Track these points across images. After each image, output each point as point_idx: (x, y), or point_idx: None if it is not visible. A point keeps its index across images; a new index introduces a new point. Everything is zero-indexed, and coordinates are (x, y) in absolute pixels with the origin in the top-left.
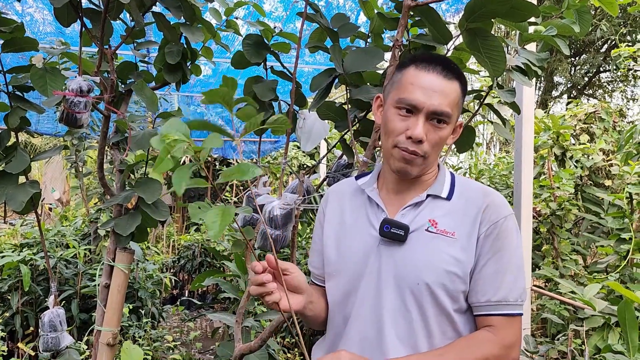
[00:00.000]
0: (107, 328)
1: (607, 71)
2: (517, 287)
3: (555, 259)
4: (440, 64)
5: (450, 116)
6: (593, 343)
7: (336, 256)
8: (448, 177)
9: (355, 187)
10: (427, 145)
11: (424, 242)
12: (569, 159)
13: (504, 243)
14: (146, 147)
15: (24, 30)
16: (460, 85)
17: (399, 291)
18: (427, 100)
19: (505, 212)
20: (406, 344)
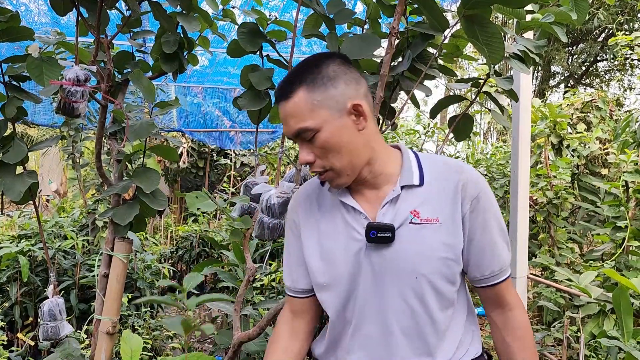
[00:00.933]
0: (106, 317)
1: (604, 60)
2: (507, 249)
3: (552, 248)
4: (281, 89)
5: (309, 127)
6: (589, 330)
7: (323, 266)
8: (413, 159)
9: (323, 190)
10: (319, 160)
11: (412, 236)
12: (566, 147)
13: (489, 214)
14: (143, 137)
15: (19, 20)
16: (306, 89)
17: (399, 289)
18: (288, 128)
19: (482, 183)
20: (413, 338)
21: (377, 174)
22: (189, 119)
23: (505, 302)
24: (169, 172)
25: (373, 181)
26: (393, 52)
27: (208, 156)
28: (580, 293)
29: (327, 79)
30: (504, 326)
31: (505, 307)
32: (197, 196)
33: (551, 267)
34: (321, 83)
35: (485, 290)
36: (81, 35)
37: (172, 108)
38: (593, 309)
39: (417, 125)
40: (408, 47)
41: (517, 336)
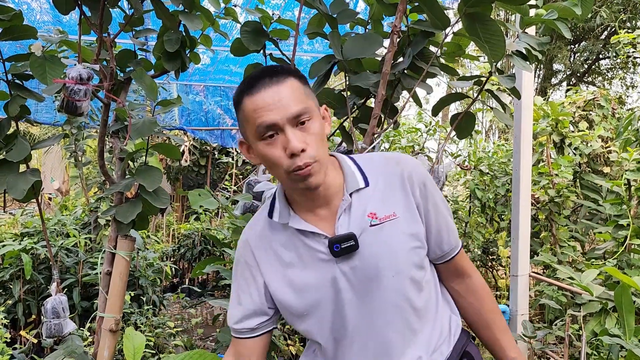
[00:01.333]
0: (109, 314)
1: (606, 58)
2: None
3: (554, 246)
4: (264, 77)
5: (309, 110)
6: (590, 328)
7: (298, 297)
8: (352, 164)
9: (273, 223)
10: (311, 149)
11: (376, 237)
12: (568, 146)
13: (436, 195)
14: (146, 135)
15: (22, 18)
16: (295, 78)
17: (381, 292)
18: (280, 112)
19: (421, 168)
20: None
21: (330, 184)
22: (190, 117)
23: (464, 270)
24: (170, 170)
25: (325, 192)
26: (394, 51)
27: (210, 154)
28: (582, 291)
29: (306, 81)
30: (467, 292)
31: (465, 274)
32: (199, 194)
33: (553, 266)
34: (304, 82)
35: (446, 265)
36: (84, 34)
37: (174, 106)
38: (595, 307)
39: (418, 123)
40: (409, 45)
41: (480, 298)
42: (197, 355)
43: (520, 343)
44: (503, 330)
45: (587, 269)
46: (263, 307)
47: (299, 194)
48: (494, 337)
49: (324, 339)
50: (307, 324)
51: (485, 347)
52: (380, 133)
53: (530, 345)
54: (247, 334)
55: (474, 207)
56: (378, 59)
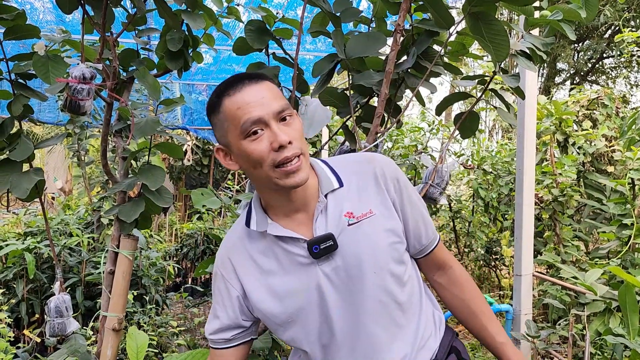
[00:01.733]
0: (112, 314)
1: (610, 57)
2: (429, 217)
3: (557, 245)
4: (243, 79)
5: (289, 107)
6: (594, 328)
7: (281, 305)
8: (324, 167)
9: (250, 232)
10: (296, 142)
11: (355, 236)
12: (572, 145)
13: (409, 190)
14: (149, 134)
15: (25, 18)
16: (270, 82)
17: (365, 291)
18: (265, 107)
19: (393, 164)
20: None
21: (307, 187)
22: (193, 117)
23: (444, 262)
24: (173, 169)
25: (303, 195)
26: (398, 50)
27: (212, 154)
28: (586, 291)
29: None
30: (449, 283)
31: (445, 266)
32: (202, 193)
33: (557, 265)
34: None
35: (426, 258)
36: (86, 33)
37: (177, 105)
38: (599, 306)
39: (421, 122)
40: (413, 44)
41: (463, 288)
42: (200, 355)
43: (524, 343)
44: (490, 317)
45: (590, 268)
46: (238, 320)
47: (276, 198)
48: (481, 324)
49: (311, 346)
50: (292, 331)
51: (473, 335)
52: (384, 132)
53: (534, 345)
54: (222, 344)
55: (477, 206)
56: (381, 58)
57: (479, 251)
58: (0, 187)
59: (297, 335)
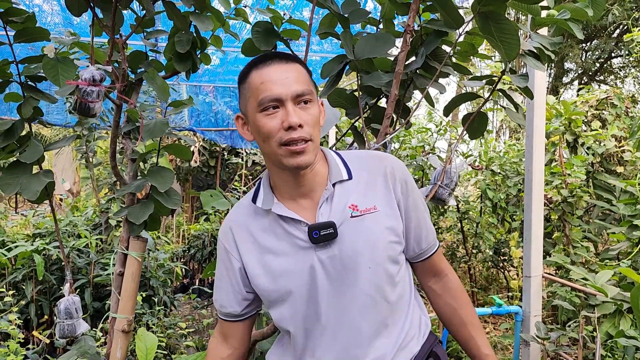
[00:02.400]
0: (122, 315)
1: (619, 56)
2: (431, 223)
3: (567, 246)
4: (275, 56)
5: (311, 93)
6: (604, 330)
7: (274, 283)
8: (337, 158)
9: (255, 209)
10: (307, 127)
11: (356, 228)
12: (581, 145)
13: (415, 193)
14: (158, 136)
15: (35, 21)
16: (302, 67)
17: (357, 283)
18: (285, 88)
19: (404, 167)
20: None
21: (315, 174)
22: (200, 118)
23: (441, 270)
24: (180, 171)
25: (311, 180)
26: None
27: (219, 155)
28: (596, 292)
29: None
30: (444, 291)
31: (441, 274)
32: (211, 195)
33: (566, 266)
34: (310, 73)
35: (423, 263)
36: (95, 36)
37: (185, 107)
38: (609, 308)
39: (429, 123)
40: (422, 44)
41: (456, 297)
42: None
43: (534, 344)
44: (478, 329)
45: (600, 269)
46: (242, 292)
47: (284, 178)
48: (468, 334)
49: (295, 328)
50: (280, 310)
51: (460, 343)
52: (393, 133)
53: (544, 346)
54: (232, 318)
55: (485, 207)
56: (390, 59)
57: (487, 252)
58: (11, 189)
59: (284, 314)
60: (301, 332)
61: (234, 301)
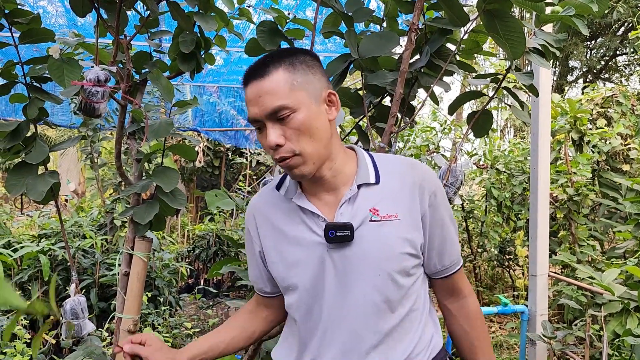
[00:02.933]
0: (127, 315)
1: (624, 54)
2: (457, 240)
3: (573, 245)
4: (255, 69)
5: (288, 105)
6: (611, 328)
7: (286, 272)
8: (368, 159)
9: (279, 196)
10: (289, 143)
11: (373, 233)
12: (586, 143)
13: (444, 207)
14: (163, 136)
15: (40, 22)
16: (285, 70)
17: (363, 288)
18: (259, 108)
19: (435, 177)
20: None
21: (337, 173)
22: (204, 119)
23: (459, 291)
24: (184, 171)
25: (332, 181)
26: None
27: (223, 155)
28: (602, 291)
29: (305, 66)
30: (459, 313)
31: (460, 294)
32: (216, 195)
33: (572, 265)
34: (301, 68)
35: (443, 281)
36: (100, 37)
37: (190, 107)
38: (616, 307)
39: (433, 122)
40: (426, 43)
41: (471, 321)
42: None
43: (540, 343)
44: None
45: (607, 268)
46: (267, 274)
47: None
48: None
49: (299, 318)
50: (290, 298)
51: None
52: (398, 132)
53: (550, 345)
54: (265, 294)
55: (490, 206)
56: (394, 58)
57: (492, 251)
58: (17, 189)
59: (292, 303)
60: (303, 324)
61: (261, 281)
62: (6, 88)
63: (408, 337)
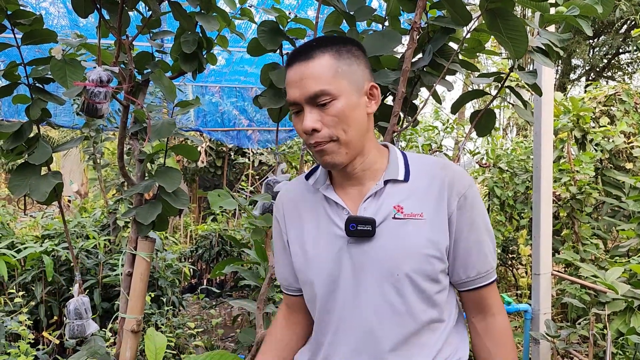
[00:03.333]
0: (131, 315)
1: (627, 52)
2: (494, 250)
3: (576, 244)
4: (301, 52)
5: (330, 91)
6: (615, 327)
7: (305, 264)
8: (400, 157)
9: (307, 186)
10: (326, 129)
11: (394, 231)
12: (589, 142)
13: (475, 212)
14: (165, 136)
15: (42, 23)
16: (331, 56)
17: (378, 287)
18: (300, 91)
19: (468, 180)
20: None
21: (367, 167)
22: (206, 119)
23: (488, 308)
24: (187, 171)
25: (361, 174)
26: (414, 48)
27: (226, 155)
28: (606, 289)
29: (352, 55)
30: (485, 332)
31: (488, 312)
32: (219, 195)
33: (576, 264)
34: (347, 56)
35: (469, 293)
36: (102, 37)
37: (192, 107)
38: (619, 305)
39: (435, 121)
40: (429, 41)
41: (499, 343)
42: (218, 356)
43: (544, 342)
44: None
45: (610, 266)
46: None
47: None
48: None
49: (318, 315)
50: (307, 291)
51: None
52: (400, 131)
53: (554, 344)
54: (294, 292)
55: (493, 205)
56: (396, 57)
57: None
58: (20, 190)
59: (308, 296)
60: (320, 322)
61: (291, 275)
62: (9, 89)
63: (428, 347)
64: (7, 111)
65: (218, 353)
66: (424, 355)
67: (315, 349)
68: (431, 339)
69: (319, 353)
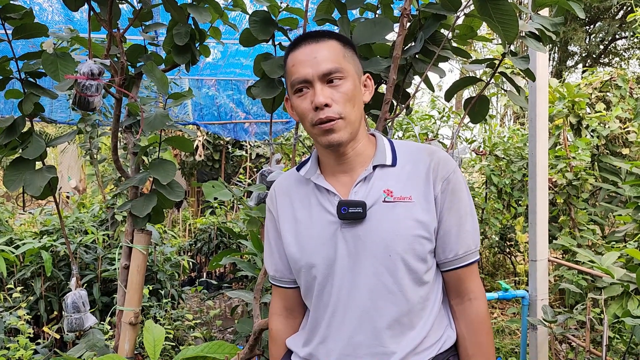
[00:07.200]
0: (128, 308)
1: (623, 38)
2: (475, 233)
3: (573, 230)
4: (310, 36)
5: (342, 70)
6: (612, 312)
7: (299, 252)
8: (387, 144)
9: (299, 177)
10: (336, 106)
11: (385, 214)
12: (585, 128)
13: (458, 195)
14: (158, 128)
15: (33, 17)
16: (338, 42)
17: (374, 268)
18: (313, 68)
19: (452, 165)
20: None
21: (357, 154)
22: (203, 112)
23: (466, 292)
24: (185, 165)
25: (353, 159)
26: (405, 35)
27: (223, 148)
28: (602, 274)
29: (351, 48)
30: (462, 316)
31: (465, 296)
32: (213, 185)
33: (572, 249)
34: (349, 47)
35: (449, 274)
36: (94, 31)
37: (186, 99)
38: (616, 290)
39: (432, 110)
40: (420, 29)
41: (473, 329)
42: (217, 346)
43: (541, 328)
44: None
45: (607, 252)
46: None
47: (326, 155)
48: None
49: (313, 300)
50: (302, 278)
51: None
52: (392, 119)
53: (551, 330)
54: (287, 284)
55: (490, 193)
56: (388, 44)
57: (493, 238)
58: (15, 185)
59: (305, 283)
60: (316, 307)
61: (284, 267)
62: (1, 84)
63: (419, 327)
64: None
65: (216, 343)
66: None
67: (312, 332)
68: (421, 318)
69: (316, 335)
